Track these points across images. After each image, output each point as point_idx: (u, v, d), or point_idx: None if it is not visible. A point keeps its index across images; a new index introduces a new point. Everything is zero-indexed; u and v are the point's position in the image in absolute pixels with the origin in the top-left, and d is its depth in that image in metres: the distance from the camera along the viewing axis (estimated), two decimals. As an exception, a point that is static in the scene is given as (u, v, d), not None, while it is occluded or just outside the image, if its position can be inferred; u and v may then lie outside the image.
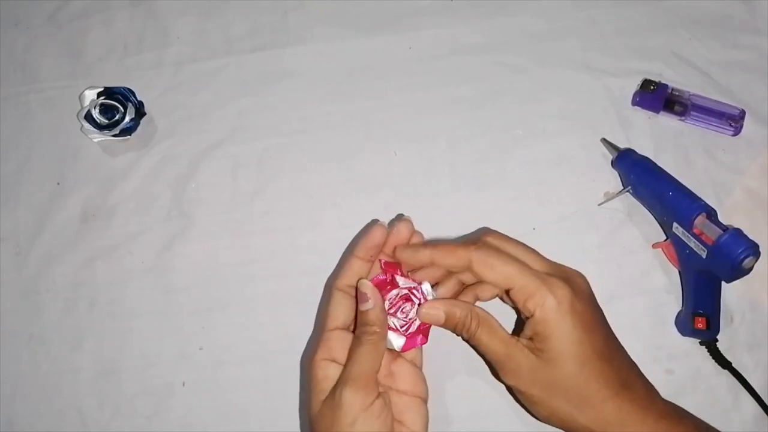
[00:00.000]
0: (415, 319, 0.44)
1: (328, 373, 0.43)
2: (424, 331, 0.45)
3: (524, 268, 0.42)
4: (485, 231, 0.46)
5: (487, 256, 0.42)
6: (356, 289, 0.44)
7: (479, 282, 0.45)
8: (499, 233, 0.46)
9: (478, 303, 0.46)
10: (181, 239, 0.57)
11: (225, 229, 0.57)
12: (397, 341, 0.44)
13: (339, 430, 0.40)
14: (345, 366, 0.43)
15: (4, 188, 0.59)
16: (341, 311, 0.45)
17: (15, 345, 0.55)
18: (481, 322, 0.43)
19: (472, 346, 0.45)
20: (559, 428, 0.43)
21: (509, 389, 0.46)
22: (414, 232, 0.46)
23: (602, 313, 0.44)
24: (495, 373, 0.45)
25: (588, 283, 0.44)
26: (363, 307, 0.44)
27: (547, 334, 0.41)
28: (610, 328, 0.44)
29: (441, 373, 0.52)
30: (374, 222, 0.46)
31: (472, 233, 0.52)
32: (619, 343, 0.44)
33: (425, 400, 0.45)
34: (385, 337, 0.44)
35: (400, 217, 0.48)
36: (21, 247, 0.57)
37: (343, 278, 0.46)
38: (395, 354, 0.46)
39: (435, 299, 0.45)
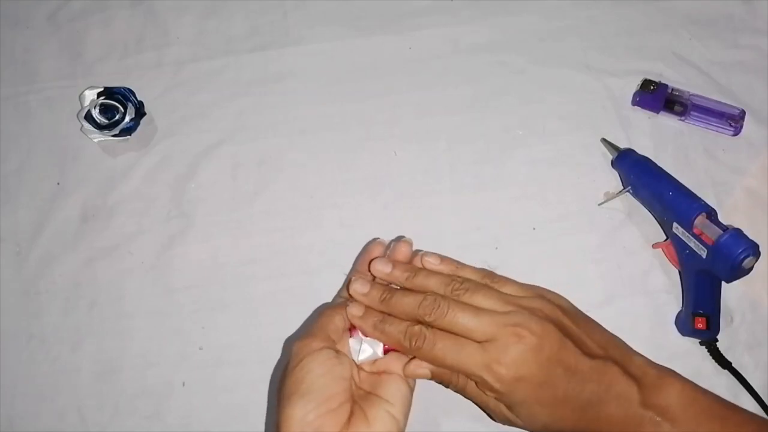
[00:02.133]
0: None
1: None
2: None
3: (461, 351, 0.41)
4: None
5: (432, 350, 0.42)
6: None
7: None
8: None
9: None
10: (181, 239, 0.57)
11: (225, 229, 0.57)
12: (377, 347, 0.44)
13: (287, 373, 0.41)
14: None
15: (4, 188, 0.59)
16: (339, 318, 0.45)
17: (15, 345, 0.55)
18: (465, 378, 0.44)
19: (463, 395, 0.45)
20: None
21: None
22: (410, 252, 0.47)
23: (569, 344, 0.42)
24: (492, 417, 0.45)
25: (552, 305, 0.43)
26: (351, 285, 0.45)
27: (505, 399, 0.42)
28: (565, 343, 0.42)
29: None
30: (375, 240, 0.49)
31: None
32: (580, 341, 0.42)
33: (411, 388, 0.44)
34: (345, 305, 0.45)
35: (400, 239, 0.49)
36: (21, 247, 0.57)
37: (343, 290, 0.48)
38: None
39: (419, 362, 0.43)
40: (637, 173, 0.54)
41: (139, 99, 0.60)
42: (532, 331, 0.40)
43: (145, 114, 0.60)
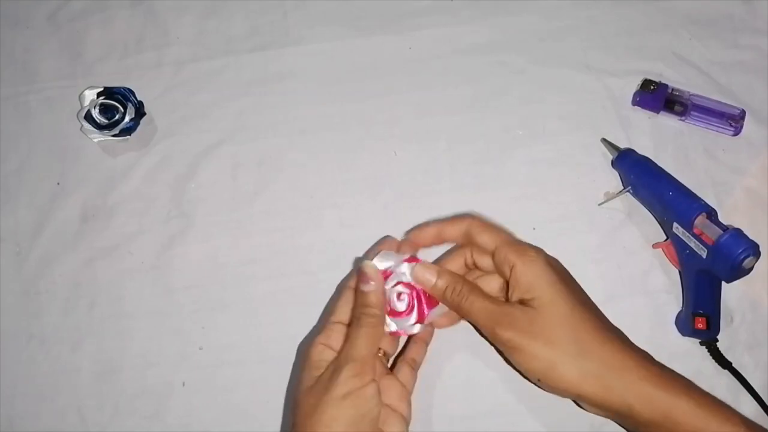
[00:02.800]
0: (414, 307, 0.46)
1: (324, 356, 0.44)
2: (421, 316, 0.46)
3: (508, 233, 0.47)
4: (464, 215, 0.49)
5: (480, 222, 0.47)
6: (359, 270, 0.46)
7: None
8: (478, 218, 0.49)
9: None
10: (180, 239, 0.57)
11: (225, 229, 0.57)
12: (393, 325, 0.46)
13: (329, 401, 0.41)
14: (343, 347, 0.44)
15: (4, 188, 0.59)
16: (347, 308, 0.46)
17: (15, 345, 0.55)
18: (472, 288, 0.45)
19: (467, 316, 0.45)
20: (558, 387, 0.42)
21: (503, 355, 0.46)
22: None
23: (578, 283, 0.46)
24: (489, 339, 0.45)
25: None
26: (364, 288, 0.45)
27: (532, 282, 0.43)
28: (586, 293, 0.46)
29: (440, 370, 0.52)
30: (387, 237, 0.51)
31: (453, 217, 0.50)
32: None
33: (407, 420, 0.45)
34: (383, 321, 0.45)
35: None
36: (21, 247, 0.57)
37: (353, 279, 0.47)
38: (386, 370, 0.47)
39: (428, 265, 0.46)
40: (637, 173, 0.54)
41: (139, 99, 0.60)
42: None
43: (145, 114, 0.60)
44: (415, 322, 0.46)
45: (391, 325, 0.46)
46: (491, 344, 0.47)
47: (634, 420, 0.41)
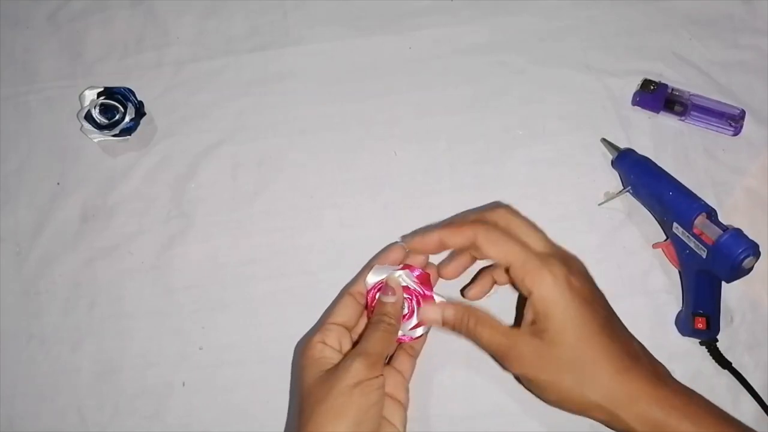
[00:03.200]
0: (414, 310, 0.48)
1: (325, 353, 0.45)
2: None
3: (524, 247, 0.44)
4: (497, 204, 0.49)
5: (489, 235, 0.44)
6: (385, 284, 0.48)
7: (494, 265, 0.48)
8: (510, 209, 0.47)
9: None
10: (180, 239, 0.57)
11: (225, 229, 0.57)
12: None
13: (340, 390, 0.42)
14: (359, 343, 0.45)
15: (4, 188, 0.59)
16: (346, 312, 0.48)
17: (15, 345, 0.55)
18: (479, 319, 0.45)
19: (476, 343, 0.46)
20: (571, 411, 0.43)
21: (518, 379, 0.47)
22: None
23: (602, 294, 0.45)
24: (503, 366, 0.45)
25: (585, 266, 0.46)
26: (386, 299, 0.47)
27: (546, 311, 0.42)
28: (611, 308, 0.45)
29: (441, 369, 0.52)
30: (395, 243, 0.51)
31: (486, 206, 0.52)
32: (622, 323, 0.45)
33: (405, 407, 0.46)
34: (397, 330, 0.47)
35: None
36: (21, 247, 0.57)
37: (356, 285, 0.49)
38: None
39: (433, 304, 0.48)
40: (637, 173, 0.54)
41: (139, 99, 0.60)
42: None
43: (145, 114, 0.60)
44: (416, 325, 0.48)
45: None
46: None
47: None
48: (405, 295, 0.48)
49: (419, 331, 0.48)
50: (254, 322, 0.54)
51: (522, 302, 0.46)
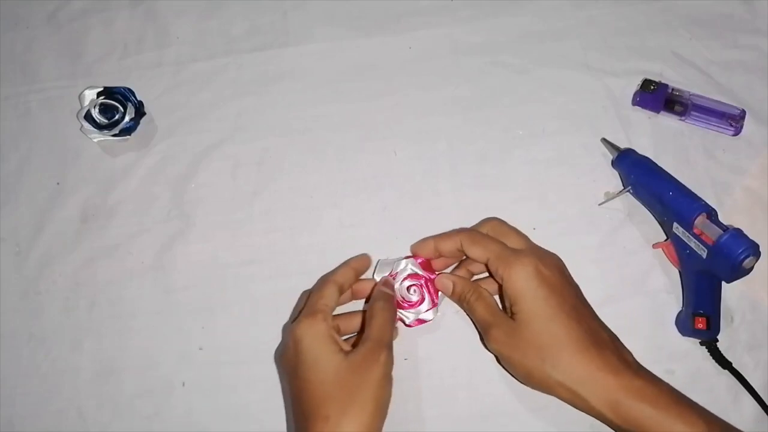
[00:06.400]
0: (424, 295, 0.51)
1: (333, 334, 0.47)
2: (433, 301, 0.52)
3: (500, 244, 0.49)
4: (488, 219, 0.53)
5: (472, 237, 0.50)
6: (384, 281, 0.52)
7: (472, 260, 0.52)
8: (498, 220, 0.52)
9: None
10: (181, 239, 0.57)
11: (225, 229, 0.57)
12: (411, 316, 0.51)
13: (377, 383, 0.44)
14: (378, 332, 0.47)
15: (4, 188, 0.59)
16: (334, 298, 0.49)
17: (15, 345, 0.55)
18: (480, 295, 0.49)
19: (470, 317, 0.50)
20: (538, 388, 0.46)
21: (498, 360, 0.49)
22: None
23: (576, 286, 0.49)
24: (484, 343, 0.49)
25: (562, 261, 0.49)
26: (388, 291, 0.51)
27: (516, 296, 0.46)
28: (584, 299, 0.48)
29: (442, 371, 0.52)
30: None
31: (478, 223, 0.54)
32: (594, 314, 0.48)
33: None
34: (394, 309, 0.50)
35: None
36: (21, 247, 0.57)
37: (336, 274, 0.51)
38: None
39: (447, 275, 0.52)
40: (637, 173, 0.54)
41: (138, 99, 0.60)
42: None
43: (145, 114, 0.60)
44: (430, 308, 0.51)
45: (409, 317, 0.51)
46: None
47: (610, 423, 0.44)
48: (414, 282, 0.51)
49: (430, 314, 0.51)
50: (254, 322, 0.54)
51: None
